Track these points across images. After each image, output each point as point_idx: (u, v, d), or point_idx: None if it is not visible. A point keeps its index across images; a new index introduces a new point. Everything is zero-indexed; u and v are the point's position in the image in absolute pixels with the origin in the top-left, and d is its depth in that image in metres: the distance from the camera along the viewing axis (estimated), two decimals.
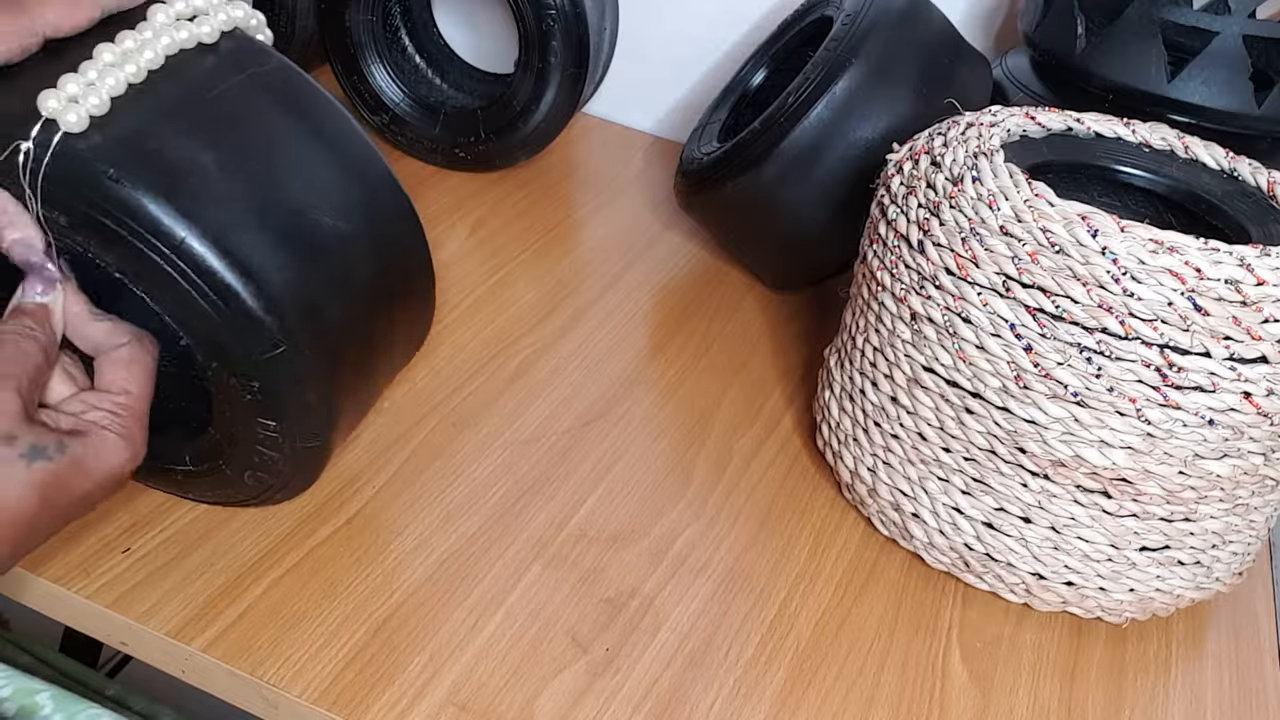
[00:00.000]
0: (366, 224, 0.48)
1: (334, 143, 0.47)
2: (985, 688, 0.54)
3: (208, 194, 0.42)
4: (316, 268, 0.45)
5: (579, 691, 0.50)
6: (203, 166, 0.42)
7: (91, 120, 0.41)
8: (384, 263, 0.49)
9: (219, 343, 0.43)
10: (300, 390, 0.45)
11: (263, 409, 0.45)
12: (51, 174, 0.40)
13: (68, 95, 0.40)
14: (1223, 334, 0.47)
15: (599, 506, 0.60)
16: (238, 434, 0.48)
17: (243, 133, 0.44)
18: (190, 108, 0.44)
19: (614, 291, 0.80)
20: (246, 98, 0.45)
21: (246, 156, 0.44)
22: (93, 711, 0.52)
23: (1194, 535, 0.54)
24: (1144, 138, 0.61)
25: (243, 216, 0.42)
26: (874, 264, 0.58)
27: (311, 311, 0.44)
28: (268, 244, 0.43)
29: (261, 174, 0.44)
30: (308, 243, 0.44)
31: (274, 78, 0.47)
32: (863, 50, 0.70)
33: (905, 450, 0.58)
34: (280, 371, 0.44)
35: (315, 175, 0.46)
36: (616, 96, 1.03)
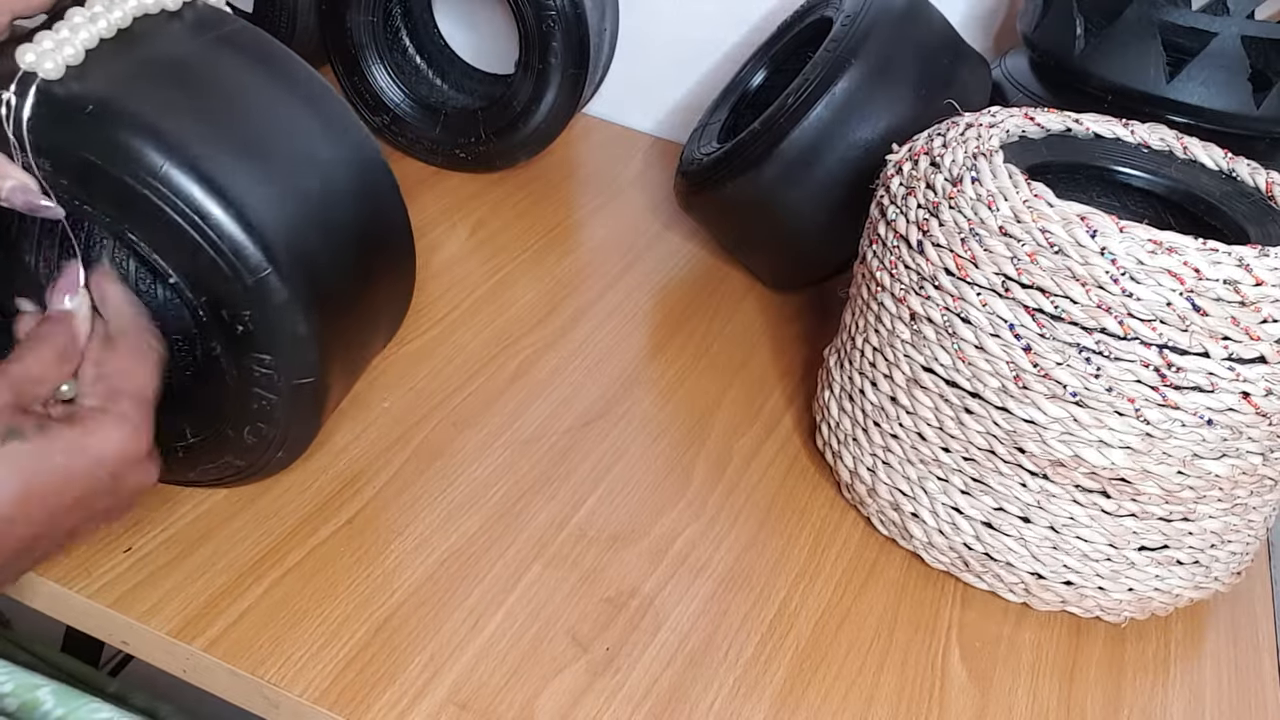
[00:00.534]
0: (343, 166, 0.49)
1: (305, 93, 0.50)
2: (984, 687, 0.54)
3: (184, 128, 0.44)
4: (296, 201, 0.46)
5: (579, 691, 0.50)
6: (178, 105, 0.44)
7: (68, 69, 0.43)
8: (362, 208, 0.50)
9: (208, 272, 0.44)
10: (291, 317, 0.46)
11: (256, 342, 0.46)
12: (34, 120, 0.42)
13: (43, 49, 0.43)
14: (1221, 334, 0.48)
15: (599, 506, 0.61)
16: (234, 383, 0.48)
17: (215, 81, 0.47)
18: (161, 59, 0.46)
19: (614, 291, 0.80)
20: (216, 52, 0.48)
21: (220, 100, 0.46)
22: (94, 705, 0.52)
23: (1193, 535, 0.54)
24: (1143, 138, 0.61)
25: (220, 148, 0.44)
26: (874, 264, 0.58)
27: (293, 240, 0.46)
28: (246, 174, 0.45)
29: (237, 114, 0.46)
30: (286, 177, 0.46)
31: (240, 36, 0.49)
32: (862, 51, 0.70)
33: (905, 450, 0.58)
34: (270, 297, 0.45)
35: (289, 119, 0.48)
36: (616, 97, 1.03)
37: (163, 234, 0.44)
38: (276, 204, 0.45)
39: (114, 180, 0.43)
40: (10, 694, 0.53)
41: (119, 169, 0.42)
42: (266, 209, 0.45)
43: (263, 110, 0.47)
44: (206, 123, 0.45)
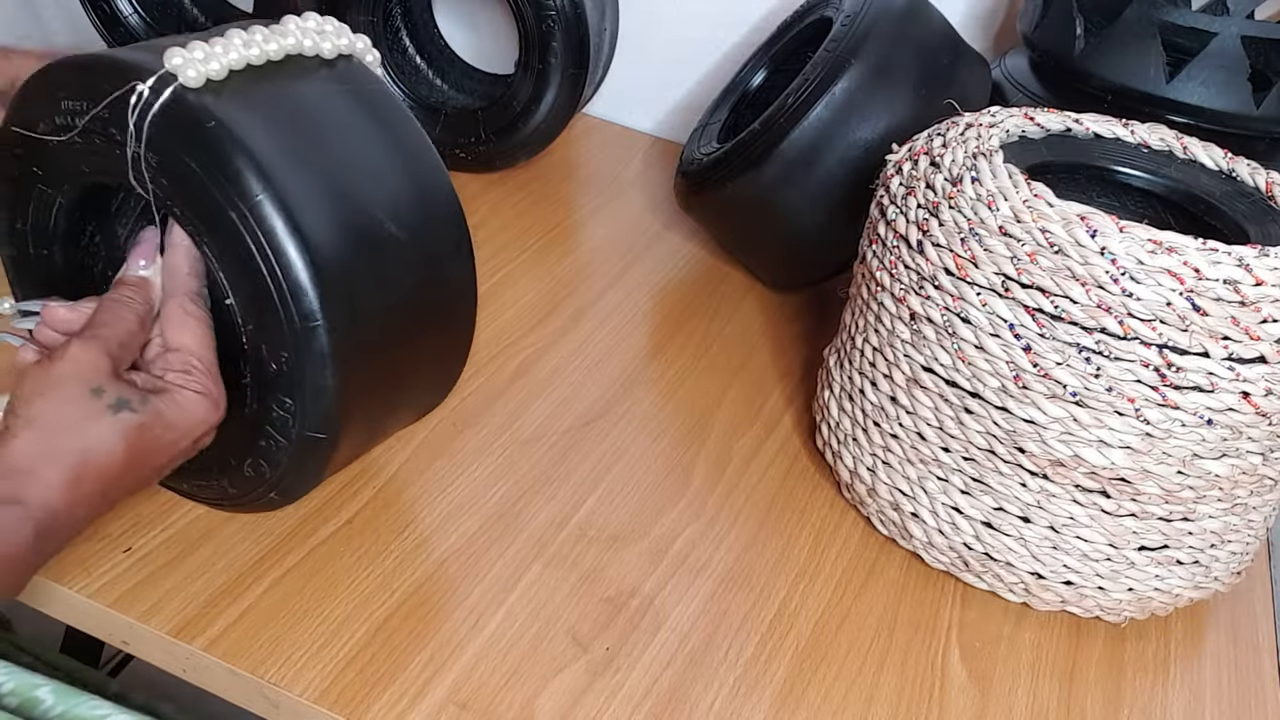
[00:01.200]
0: (423, 244, 0.50)
1: (412, 162, 0.51)
2: (984, 687, 0.54)
3: (291, 167, 0.45)
4: (365, 261, 0.47)
5: (579, 691, 0.50)
6: (293, 144, 0.46)
7: (207, 81, 0.45)
8: (428, 285, 0.51)
9: (263, 304, 0.45)
10: (323, 370, 0.46)
11: (283, 384, 0.47)
12: (157, 118, 0.44)
13: (190, 56, 0.44)
14: (1221, 334, 0.48)
15: (599, 506, 0.61)
16: (251, 414, 0.49)
17: (333, 129, 0.48)
18: (294, 98, 0.48)
19: (614, 291, 0.80)
20: (344, 104, 0.49)
21: (332, 149, 0.47)
22: (93, 702, 0.52)
23: (1192, 535, 0.54)
24: (1143, 138, 0.61)
25: (314, 195, 0.45)
26: (873, 264, 0.58)
27: (351, 299, 0.47)
28: (329, 225, 0.46)
29: (341, 167, 0.47)
30: (364, 237, 0.47)
31: (373, 96, 0.51)
32: (862, 51, 0.70)
33: (904, 450, 0.58)
34: (310, 345, 0.46)
35: (388, 183, 0.49)
36: (616, 97, 1.03)
37: (235, 257, 0.45)
38: (347, 262, 0.46)
39: (208, 194, 0.44)
40: (10, 693, 0.53)
41: (216, 185, 0.44)
42: (337, 265, 0.46)
43: (366, 171, 0.48)
44: (311, 170, 0.46)
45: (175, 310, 0.47)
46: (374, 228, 0.48)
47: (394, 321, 0.49)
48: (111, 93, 0.44)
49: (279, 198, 0.44)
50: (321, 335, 0.45)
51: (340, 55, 0.51)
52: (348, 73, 0.51)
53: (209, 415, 0.46)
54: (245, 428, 0.49)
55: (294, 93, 0.48)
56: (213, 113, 0.44)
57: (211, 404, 0.46)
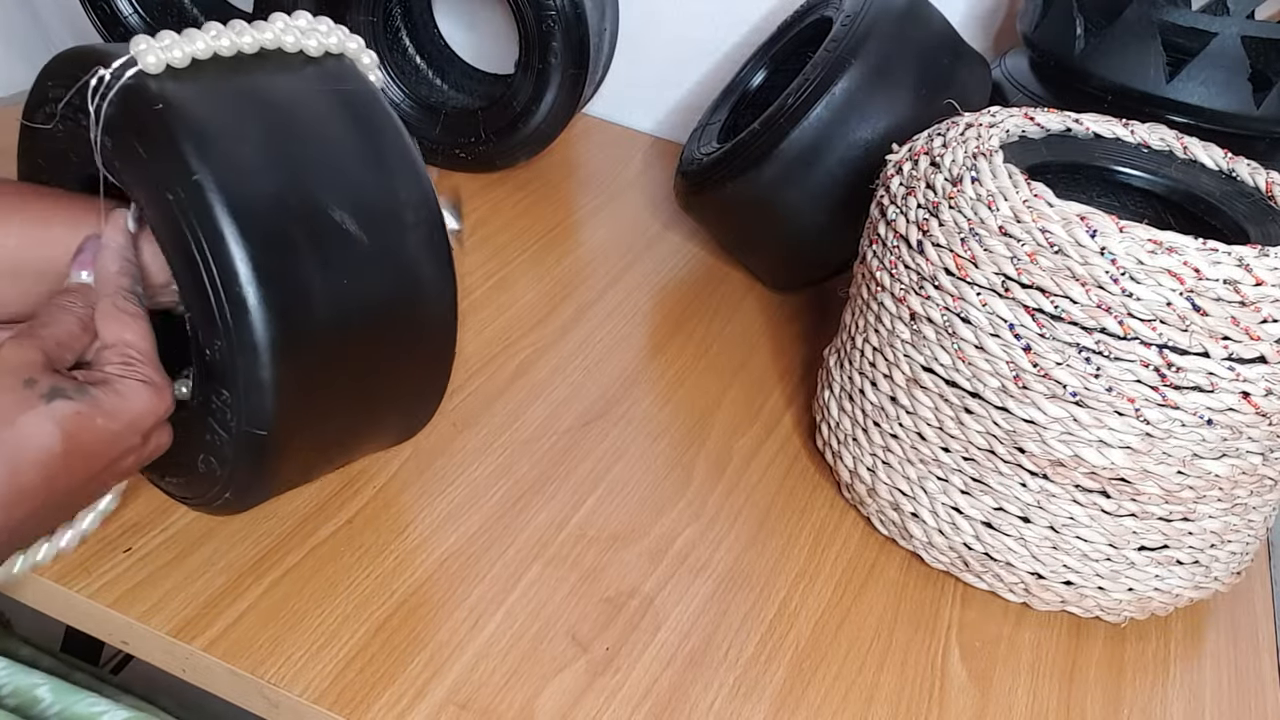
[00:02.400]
0: (390, 248, 0.48)
1: (386, 163, 0.48)
2: (984, 687, 0.54)
3: (235, 151, 0.44)
4: (312, 254, 0.45)
5: (579, 691, 0.50)
6: (243, 132, 0.45)
7: (168, 68, 0.44)
8: (395, 290, 0.48)
9: (197, 288, 0.44)
10: (255, 360, 0.44)
11: (219, 375, 0.46)
12: (114, 100, 0.44)
13: (157, 44, 0.44)
14: (1221, 334, 0.48)
15: (599, 506, 0.61)
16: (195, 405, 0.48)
17: (297, 123, 0.47)
18: (263, 92, 0.47)
19: (614, 291, 0.80)
20: (321, 103, 0.48)
21: (291, 141, 0.46)
22: (91, 700, 0.52)
23: (1192, 535, 0.54)
24: (1143, 138, 0.61)
25: (260, 183, 0.44)
26: (873, 264, 0.58)
27: (293, 290, 0.44)
28: (271, 212, 0.44)
29: (297, 159, 0.46)
30: (313, 229, 0.45)
31: (358, 97, 0.49)
32: (862, 51, 0.70)
33: (904, 450, 0.58)
34: (242, 334, 0.44)
35: (351, 181, 0.47)
36: (616, 97, 1.03)
37: (173, 239, 0.44)
38: (289, 251, 0.44)
39: (150, 175, 0.44)
40: (10, 694, 0.53)
41: (157, 165, 0.43)
42: (276, 252, 0.44)
43: (327, 166, 0.47)
44: (259, 157, 0.45)
45: (108, 308, 0.46)
46: (325, 222, 0.46)
47: (349, 323, 0.47)
48: (82, 78, 0.44)
49: (217, 178, 0.43)
50: (253, 323, 0.44)
51: (328, 54, 0.49)
52: (332, 71, 0.49)
53: (153, 404, 0.45)
54: (195, 420, 0.48)
55: (260, 85, 0.47)
56: (162, 96, 0.44)
57: (154, 391, 0.45)
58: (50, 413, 0.42)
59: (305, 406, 0.47)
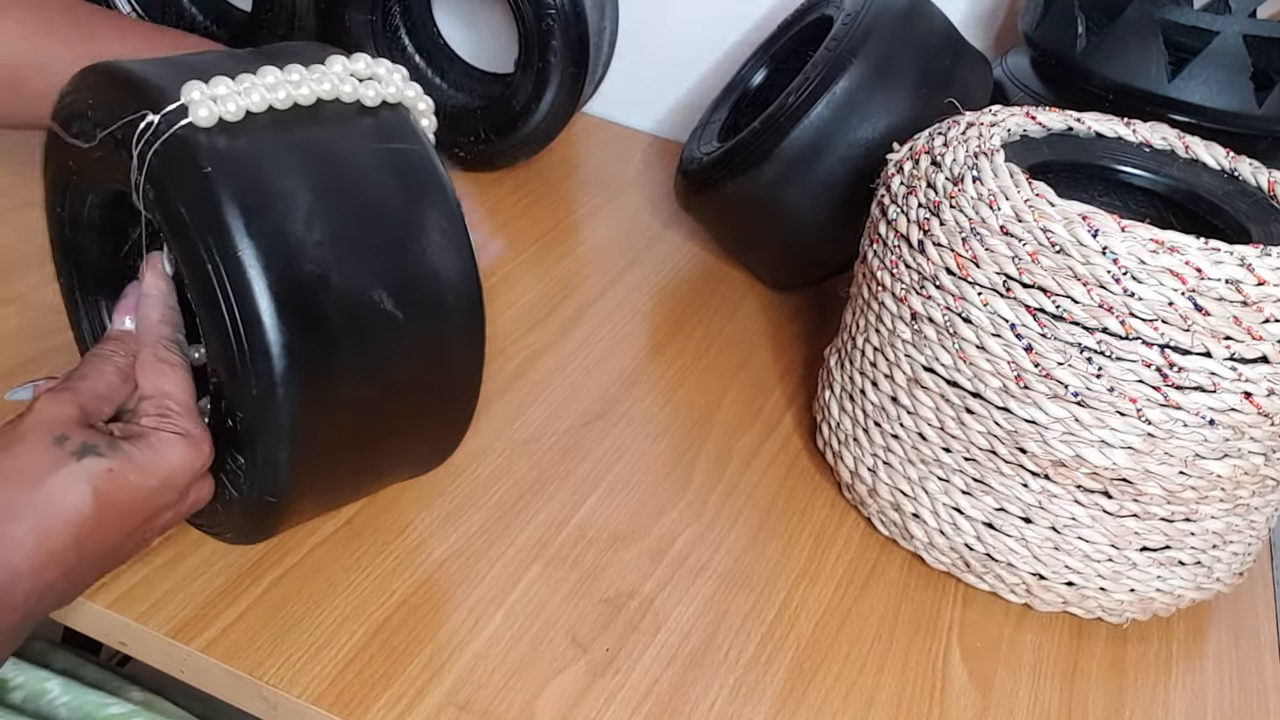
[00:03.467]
0: (426, 326, 0.47)
1: (433, 236, 0.47)
2: (985, 688, 0.54)
3: (283, 227, 0.42)
4: (349, 338, 0.44)
5: (579, 691, 0.50)
6: (293, 203, 0.43)
7: (220, 121, 0.43)
8: (426, 368, 0.47)
9: (228, 361, 0.43)
10: (275, 443, 0.44)
11: (238, 443, 0.45)
12: (161, 150, 0.42)
13: (211, 92, 0.42)
14: (1223, 334, 0.47)
15: (599, 506, 0.60)
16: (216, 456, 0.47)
17: (346, 190, 0.45)
18: (315, 151, 0.45)
19: (614, 291, 0.80)
20: (373, 166, 0.46)
21: (338, 212, 0.44)
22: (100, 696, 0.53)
23: (1195, 535, 0.54)
24: (1144, 137, 0.61)
25: (305, 261, 0.43)
26: (874, 264, 0.58)
27: (325, 376, 0.44)
28: (314, 296, 0.43)
29: (342, 233, 0.44)
30: (353, 312, 0.44)
31: (410, 160, 0.47)
32: (863, 50, 0.70)
33: (905, 450, 0.57)
34: (264, 417, 0.43)
35: (400, 262, 0.45)
36: (616, 96, 1.03)
37: (207, 307, 0.43)
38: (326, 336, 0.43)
39: (191, 240, 0.42)
40: (17, 686, 0.53)
41: (199, 233, 0.42)
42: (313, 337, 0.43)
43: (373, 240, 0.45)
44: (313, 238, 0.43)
45: (148, 358, 0.45)
46: (366, 303, 0.44)
47: (374, 400, 0.46)
48: (126, 114, 0.42)
49: (260, 257, 0.41)
50: (280, 408, 0.43)
51: (385, 103, 0.47)
52: (387, 125, 0.47)
53: (189, 458, 0.43)
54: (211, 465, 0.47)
55: (313, 148, 0.45)
56: (212, 157, 0.42)
57: (190, 444, 0.44)
58: (81, 471, 0.41)
59: (318, 478, 0.47)
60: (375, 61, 0.47)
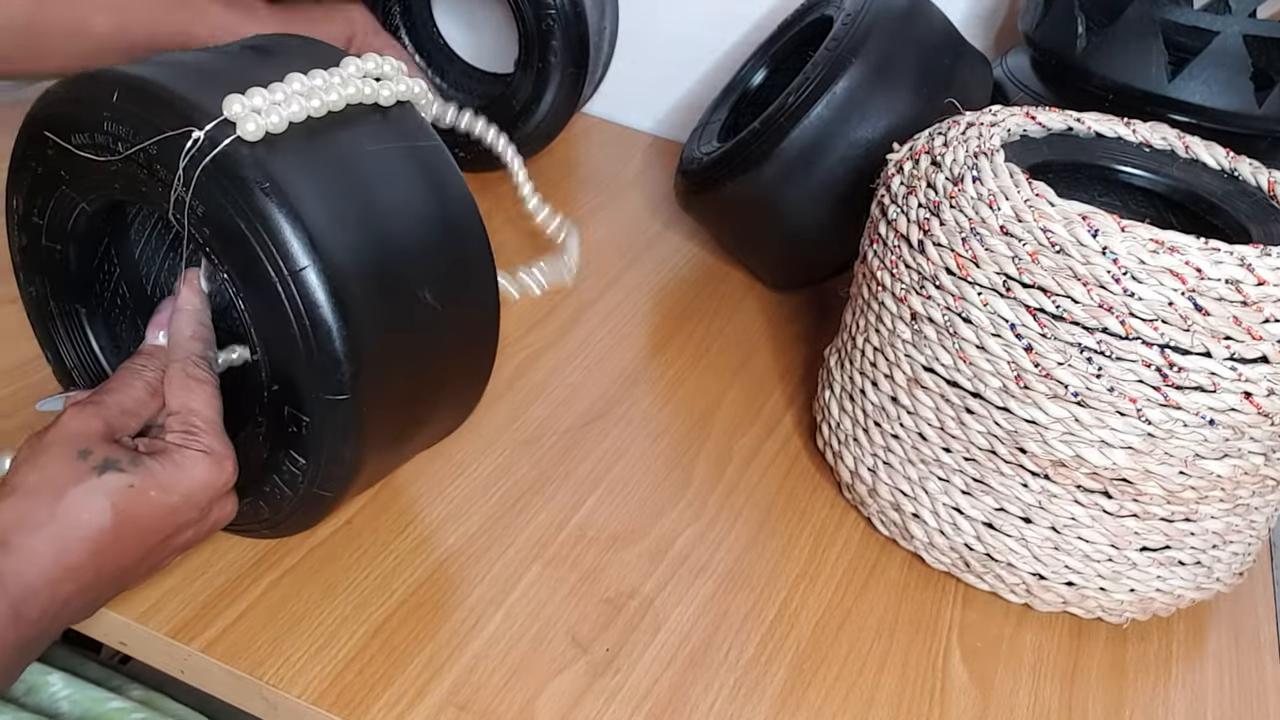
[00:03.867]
0: (459, 315, 0.49)
1: (459, 233, 0.50)
2: (985, 688, 0.54)
3: (340, 238, 0.44)
4: (402, 336, 0.47)
5: (579, 692, 0.50)
6: (344, 213, 0.44)
7: (265, 135, 0.43)
8: (458, 355, 0.50)
9: (292, 372, 0.44)
10: (342, 441, 0.46)
11: (301, 446, 0.46)
12: (210, 168, 0.42)
13: (252, 105, 0.43)
14: (1223, 334, 0.47)
15: (599, 506, 0.60)
16: (260, 462, 0.48)
17: (386, 195, 0.47)
18: (352, 157, 0.46)
19: (614, 291, 0.80)
20: (400, 166, 0.48)
21: (382, 217, 0.46)
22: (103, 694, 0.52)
23: (1194, 535, 0.54)
24: (1144, 137, 0.61)
25: (360, 268, 0.44)
26: (874, 264, 0.58)
27: (383, 374, 0.46)
28: (371, 300, 0.45)
29: (389, 237, 0.46)
30: (402, 311, 0.46)
31: (428, 155, 0.50)
32: (863, 50, 0.70)
33: (905, 450, 0.57)
34: (334, 418, 0.45)
35: (434, 256, 0.48)
36: (616, 96, 1.03)
37: (272, 320, 0.44)
38: (385, 335, 0.45)
39: (253, 255, 0.43)
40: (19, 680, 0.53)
41: (263, 248, 0.43)
42: (373, 340, 0.45)
43: (415, 243, 0.47)
44: (359, 240, 0.45)
45: (178, 374, 0.46)
46: (411, 301, 0.47)
47: (418, 388, 0.49)
48: (163, 130, 0.42)
49: (325, 270, 0.43)
50: (348, 409, 0.45)
51: (398, 101, 0.49)
52: (404, 125, 0.49)
53: (211, 476, 0.44)
54: (254, 468, 0.48)
55: (351, 152, 0.46)
56: (268, 173, 0.43)
57: (213, 462, 0.44)
58: (101, 486, 0.41)
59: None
60: (382, 59, 0.48)
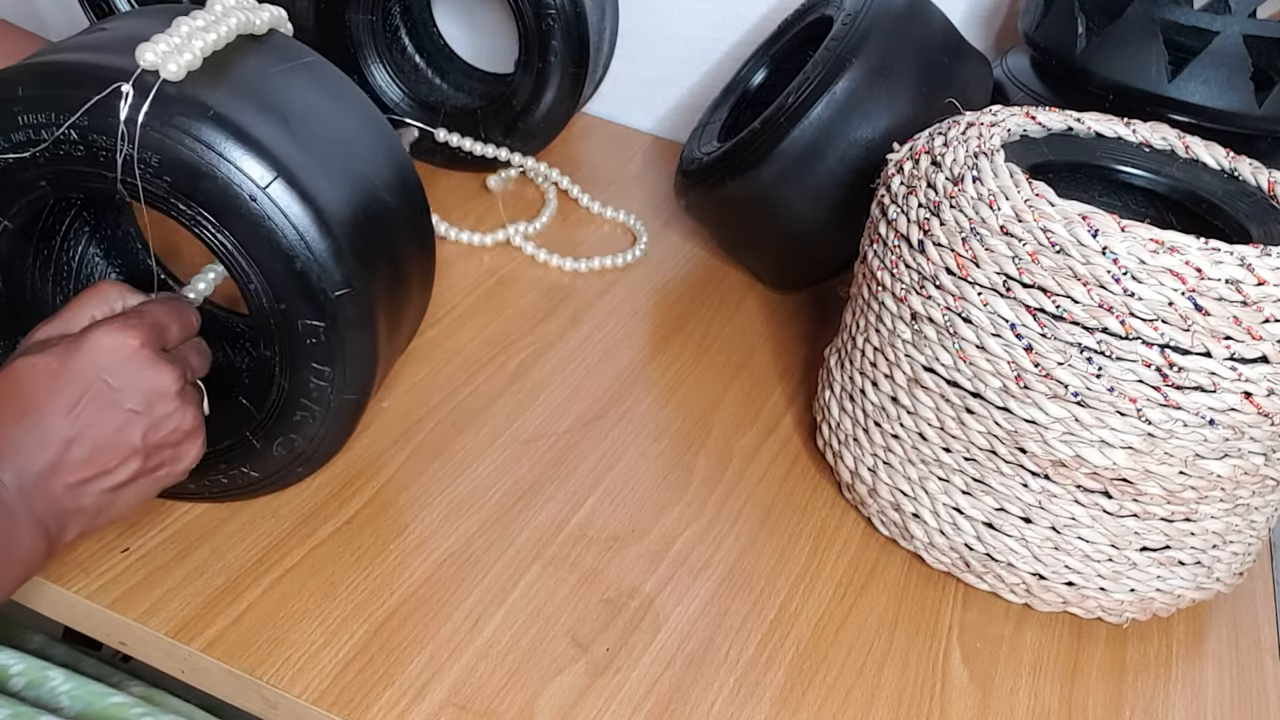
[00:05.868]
0: (400, 195, 0.52)
1: (371, 124, 0.52)
2: (985, 688, 0.54)
3: (291, 147, 0.46)
4: (369, 223, 0.49)
5: (579, 691, 0.50)
6: (283, 124, 0.46)
7: (188, 74, 0.45)
8: (411, 232, 0.53)
9: (296, 283, 0.46)
10: (361, 333, 0.48)
11: (323, 353, 0.48)
12: (150, 114, 0.43)
13: (162, 49, 0.44)
14: (1223, 334, 0.47)
15: (599, 506, 0.60)
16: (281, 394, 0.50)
17: (302, 107, 0.49)
18: (259, 79, 0.48)
19: (614, 291, 0.80)
20: (303, 80, 0.50)
21: (311, 125, 0.48)
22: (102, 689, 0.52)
23: (1194, 535, 0.54)
24: (1144, 137, 0.61)
25: (317, 170, 0.47)
26: (874, 264, 0.58)
27: (368, 261, 0.48)
28: (337, 197, 0.47)
29: (325, 141, 0.48)
30: (366, 205, 0.49)
31: (320, 68, 0.52)
32: (863, 50, 0.70)
33: (905, 450, 0.57)
34: (348, 311, 0.47)
35: (368, 153, 0.51)
36: (616, 96, 1.03)
37: (261, 242, 0.45)
38: (358, 225, 0.48)
39: (223, 186, 0.44)
40: (19, 673, 0.53)
41: (229, 174, 0.44)
42: (351, 230, 0.47)
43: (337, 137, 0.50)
44: (307, 147, 0.47)
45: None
46: (375, 198, 0.49)
47: (395, 272, 0.52)
48: (88, 99, 0.43)
49: (291, 177, 0.45)
50: (355, 299, 0.47)
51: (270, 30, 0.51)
52: (286, 47, 0.51)
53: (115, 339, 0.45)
54: (278, 406, 0.50)
55: (257, 74, 0.48)
56: (207, 104, 0.44)
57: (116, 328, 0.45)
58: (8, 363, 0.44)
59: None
60: None
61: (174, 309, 0.48)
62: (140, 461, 0.46)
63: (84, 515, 0.45)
